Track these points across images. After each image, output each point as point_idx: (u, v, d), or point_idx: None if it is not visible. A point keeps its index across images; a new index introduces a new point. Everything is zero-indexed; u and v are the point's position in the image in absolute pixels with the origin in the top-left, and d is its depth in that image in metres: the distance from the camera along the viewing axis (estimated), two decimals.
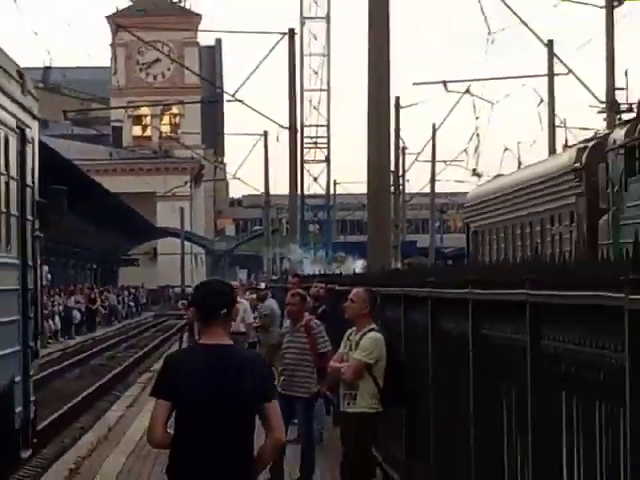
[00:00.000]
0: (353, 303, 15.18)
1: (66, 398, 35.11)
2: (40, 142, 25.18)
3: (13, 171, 20.12)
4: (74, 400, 34.73)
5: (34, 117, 22.53)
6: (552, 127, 60.71)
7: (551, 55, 57.28)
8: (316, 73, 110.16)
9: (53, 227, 25.18)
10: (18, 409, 20.80)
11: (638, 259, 5.99)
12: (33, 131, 23.51)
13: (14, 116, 19.81)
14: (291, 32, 64.51)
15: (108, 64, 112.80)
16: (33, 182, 21.98)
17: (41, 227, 23.13)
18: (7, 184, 19.91)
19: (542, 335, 7.83)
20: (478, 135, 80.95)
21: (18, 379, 22.73)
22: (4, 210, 20.24)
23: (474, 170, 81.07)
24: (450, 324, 11.90)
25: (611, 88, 44.57)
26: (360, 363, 14.32)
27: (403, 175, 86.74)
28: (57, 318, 74.45)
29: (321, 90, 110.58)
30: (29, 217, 23.35)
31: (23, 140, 20.79)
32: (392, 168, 50.63)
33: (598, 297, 6.22)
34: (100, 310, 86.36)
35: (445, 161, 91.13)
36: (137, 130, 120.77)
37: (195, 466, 8.71)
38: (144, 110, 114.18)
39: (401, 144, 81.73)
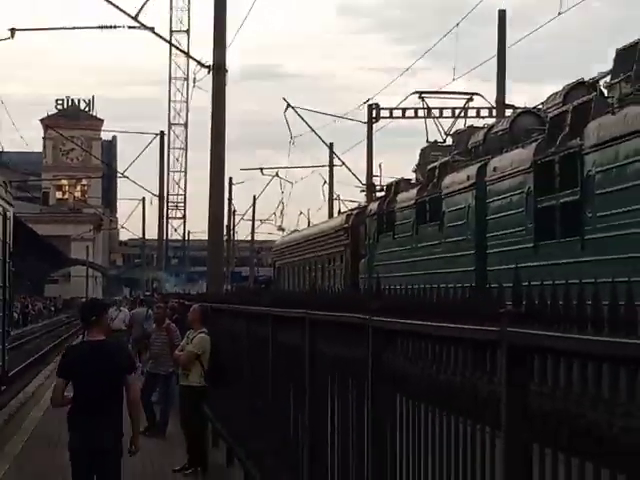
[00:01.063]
0: (191, 314, 15.47)
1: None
2: None
3: None
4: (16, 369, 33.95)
5: (10, 205, 22.98)
6: (331, 200, 61.17)
7: (331, 153, 57.82)
8: (178, 160, 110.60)
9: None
10: None
11: (379, 292, 5.97)
12: (10, 213, 24.34)
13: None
14: (162, 133, 64.54)
15: (41, 150, 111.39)
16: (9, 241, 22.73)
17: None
18: None
19: (316, 340, 7.74)
20: (283, 203, 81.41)
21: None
22: None
23: (279, 226, 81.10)
24: (259, 330, 11.72)
25: (370, 175, 45.05)
26: (191, 353, 14.49)
27: (233, 228, 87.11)
28: None
29: (181, 171, 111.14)
30: (8, 260, 24.89)
31: (4, 218, 21.67)
32: (226, 223, 50.62)
33: (352, 317, 6.19)
34: (31, 312, 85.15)
35: (261, 220, 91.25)
36: (59, 194, 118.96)
37: (83, 416, 9.22)
38: (64, 181, 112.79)
39: (232, 208, 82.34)
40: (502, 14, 35.23)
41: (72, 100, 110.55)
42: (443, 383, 4.51)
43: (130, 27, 25.61)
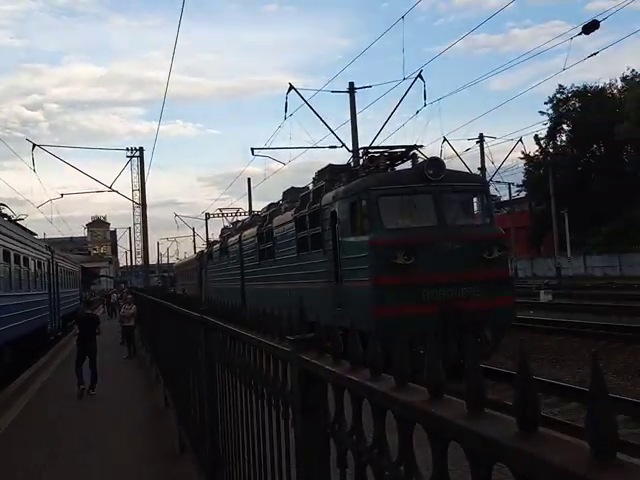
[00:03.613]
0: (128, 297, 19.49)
1: None
2: None
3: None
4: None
5: (48, 254, 23.77)
6: (194, 248, 60.90)
7: (194, 233, 57.04)
8: (138, 235, 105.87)
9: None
10: None
11: (209, 302, 5.32)
12: (48, 259, 23.81)
13: (44, 255, 22.19)
14: (129, 228, 66.42)
15: (87, 235, 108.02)
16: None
17: None
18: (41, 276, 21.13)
19: (180, 322, 6.87)
20: (178, 250, 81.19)
21: None
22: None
23: (177, 258, 78.81)
24: (155, 304, 10.86)
25: (208, 241, 46.35)
26: (132, 313, 17.29)
27: (158, 261, 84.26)
28: None
29: (139, 240, 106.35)
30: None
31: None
32: (155, 261, 50.04)
33: (193, 315, 5.46)
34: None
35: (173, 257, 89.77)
36: (94, 251, 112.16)
37: (81, 338, 12.10)
38: (96, 246, 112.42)
39: (159, 253, 79.92)
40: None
41: (98, 217, 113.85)
42: (228, 349, 3.98)
43: (109, 191, 29.79)
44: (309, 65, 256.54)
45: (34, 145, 26.68)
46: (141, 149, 30.60)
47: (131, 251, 68.70)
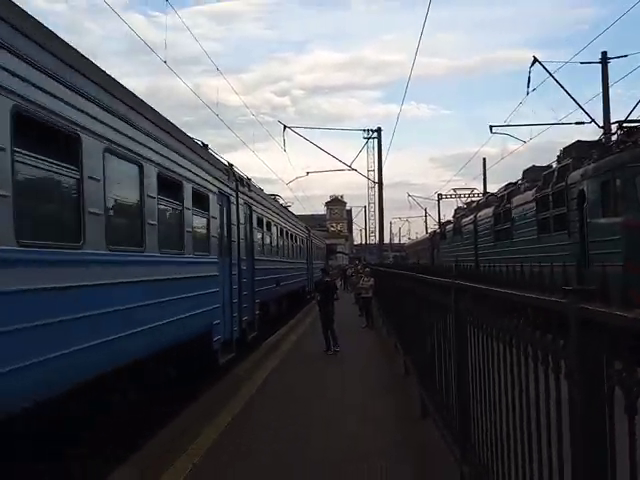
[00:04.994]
0: (367, 271, 19.39)
1: None
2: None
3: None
4: None
5: (307, 232, 29.76)
6: (426, 229, 60.68)
7: (426, 215, 58.13)
8: (373, 216, 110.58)
9: None
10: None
11: (459, 268, 5.41)
12: (307, 237, 29.37)
13: (304, 234, 28.20)
14: (364, 207, 66.95)
15: (326, 213, 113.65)
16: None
17: None
18: (303, 250, 26.89)
19: (422, 288, 7.04)
20: (409, 231, 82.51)
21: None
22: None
23: (409, 238, 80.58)
24: (394, 275, 11.27)
25: (440, 221, 45.94)
26: (370, 284, 17.72)
27: (391, 240, 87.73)
28: None
29: (374, 220, 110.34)
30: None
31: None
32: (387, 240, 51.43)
33: (443, 281, 5.59)
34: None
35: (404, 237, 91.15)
36: (332, 228, 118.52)
37: (321, 301, 13.35)
38: (334, 224, 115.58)
39: (391, 232, 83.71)
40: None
41: (336, 196, 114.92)
42: (483, 311, 3.96)
43: (349, 170, 30.89)
44: (549, 39, 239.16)
45: (285, 127, 27.96)
46: (379, 130, 30.85)
47: (366, 229, 74.76)
